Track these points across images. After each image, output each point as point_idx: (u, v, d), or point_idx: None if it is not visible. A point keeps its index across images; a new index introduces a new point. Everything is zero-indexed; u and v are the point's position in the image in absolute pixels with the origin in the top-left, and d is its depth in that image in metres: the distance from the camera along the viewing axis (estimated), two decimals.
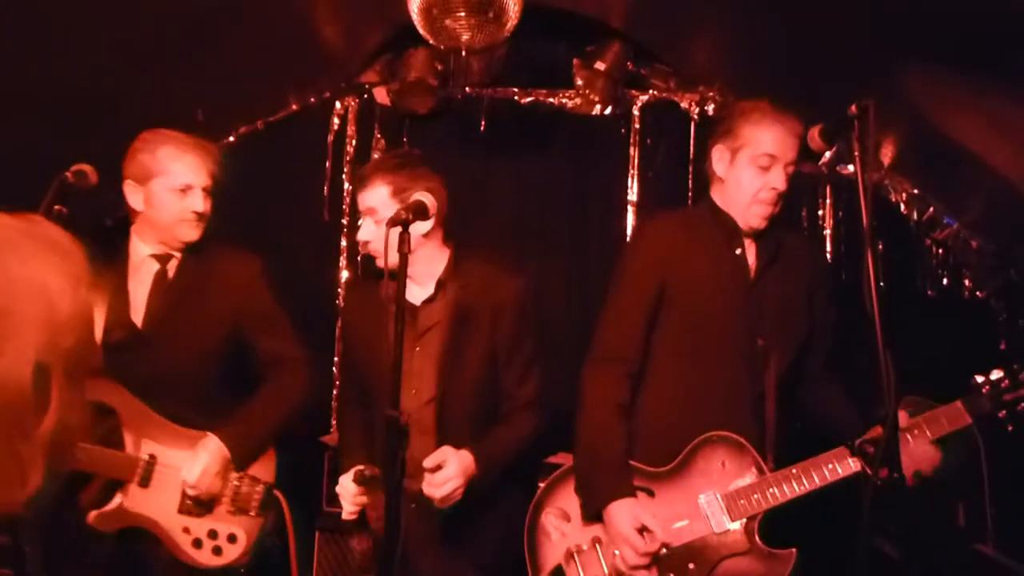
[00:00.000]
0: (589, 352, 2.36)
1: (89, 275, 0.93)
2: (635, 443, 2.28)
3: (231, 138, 3.94)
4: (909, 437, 2.15)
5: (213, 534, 2.40)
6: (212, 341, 2.46)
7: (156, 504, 2.36)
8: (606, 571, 2.20)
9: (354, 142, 3.99)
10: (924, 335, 3.33)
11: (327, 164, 3.98)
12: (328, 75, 3.97)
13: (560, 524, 2.29)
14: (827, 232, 3.75)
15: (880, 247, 3.58)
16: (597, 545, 2.23)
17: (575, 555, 2.24)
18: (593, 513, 2.23)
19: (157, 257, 2.46)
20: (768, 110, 2.28)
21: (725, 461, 2.22)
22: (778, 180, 2.26)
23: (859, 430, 2.11)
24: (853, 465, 2.13)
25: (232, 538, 2.42)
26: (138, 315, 2.41)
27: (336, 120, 4.00)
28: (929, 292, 3.66)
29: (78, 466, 2.24)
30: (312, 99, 4.00)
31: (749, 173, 2.28)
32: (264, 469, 2.50)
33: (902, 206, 3.64)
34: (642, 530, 2.15)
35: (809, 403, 2.37)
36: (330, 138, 3.99)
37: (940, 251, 3.66)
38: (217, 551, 2.40)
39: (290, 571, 2.47)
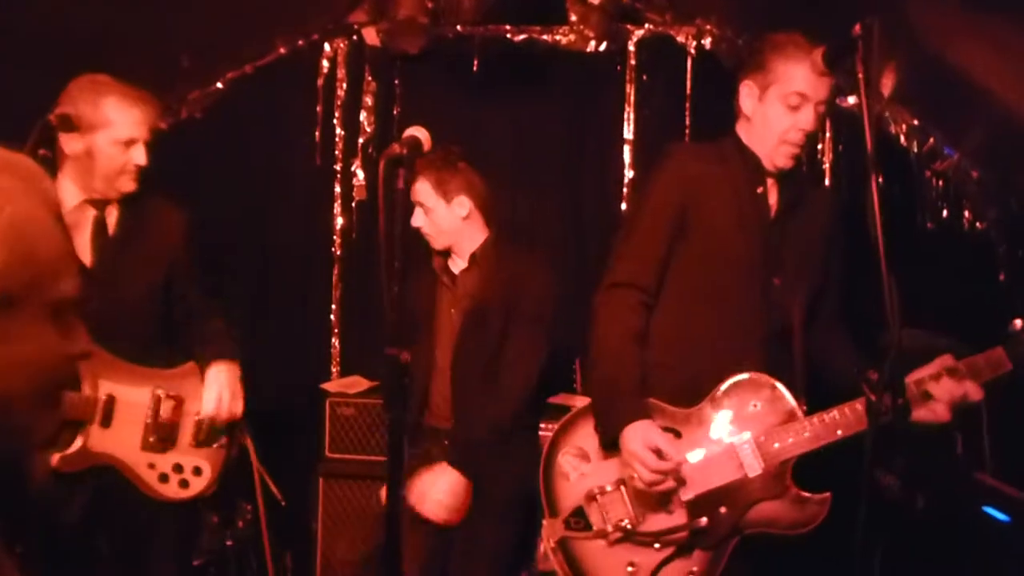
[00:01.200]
0: (604, 277, 2.27)
1: (38, 193, 0.90)
2: (646, 378, 2.22)
3: (219, 84, 3.86)
4: (954, 379, 2.08)
5: (178, 468, 2.45)
6: (154, 282, 2.50)
7: (119, 442, 2.39)
8: (632, 513, 2.15)
9: (344, 85, 3.92)
10: (924, 268, 3.31)
11: (318, 108, 3.91)
12: (316, 16, 3.88)
13: (579, 464, 2.23)
14: (826, 166, 3.70)
15: (880, 179, 3.54)
16: (621, 487, 2.17)
17: (597, 496, 2.18)
18: (609, 441, 2.16)
19: (92, 203, 2.44)
20: (802, 44, 2.16)
21: (757, 402, 2.16)
22: (808, 121, 2.16)
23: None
24: None
25: (197, 470, 2.47)
26: (83, 258, 2.41)
27: (325, 63, 3.93)
28: (929, 224, 3.63)
29: None
30: (300, 42, 3.91)
31: (778, 111, 2.18)
32: None
33: (902, 138, 3.59)
34: (656, 452, 2.08)
35: (819, 347, 2.31)
36: (320, 81, 3.92)
37: (940, 183, 3.62)
38: (183, 484, 2.45)
39: (257, 502, 2.59)
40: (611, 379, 2.19)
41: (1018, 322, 2.11)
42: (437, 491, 2.56)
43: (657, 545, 2.13)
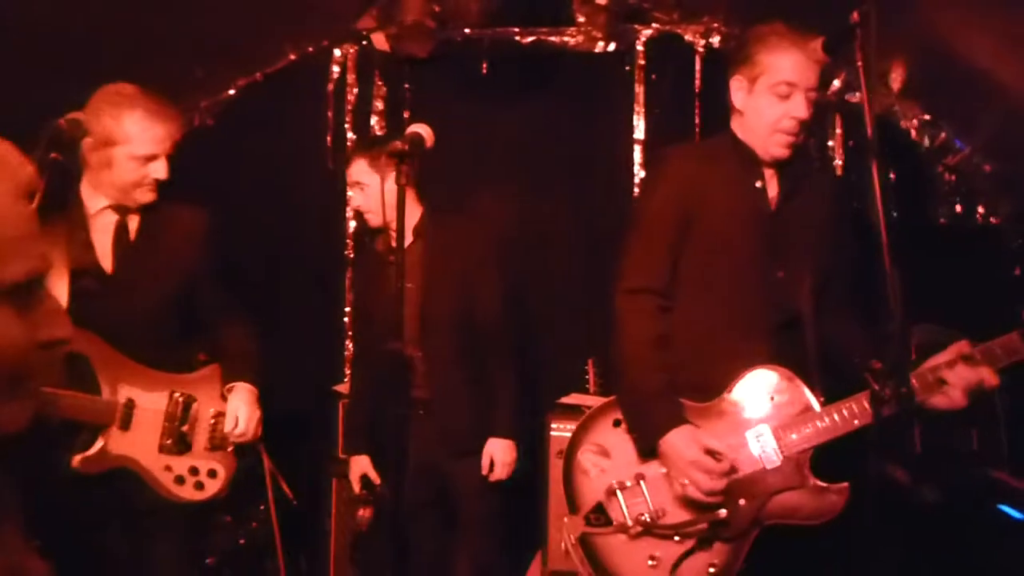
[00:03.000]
0: (619, 282, 2.28)
1: (31, 190, 0.87)
2: None
3: (231, 91, 3.90)
4: (969, 365, 2.08)
5: (194, 470, 2.50)
6: (173, 287, 2.52)
7: (137, 445, 2.43)
8: (651, 507, 2.16)
9: (355, 89, 3.95)
10: (937, 263, 3.29)
11: (329, 113, 3.94)
12: (325, 23, 3.90)
13: (599, 460, 2.24)
14: (837, 163, 3.69)
15: (892, 176, 3.52)
16: (641, 481, 2.18)
17: (618, 491, 2.19)
18: (648, 448, 2.17)
19: (114, 208, 2.47)
20: (785, 33, 2.18)
21: (774, 394, 2.18)
22: (799, 108, 2.17)
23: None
24: None
25: (212, 473, 2.52)
26: (104, 263, 2.45)
27: (335, 68, 3.95)
28: (942, 220, 3.60)
29: (61, 414, 2.29)
30: (310, 48, 3.94)
31: (768, 102, 2.19)
32: None
33: (912, 132, 3.57)
34: (708, 453, 2.10)
35: (828, 335, 2.30)
36: (330, 87, 3.94)
37: (952, 177, 3.59)
38: (199, 486, 2.50)
39: (268, 502, 2.66)
40: (639, 385, 2.21)
41: None
42: (506, 456, 2.86)
43: (677, 538, 2.13)
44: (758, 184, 2.27)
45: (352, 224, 3.95)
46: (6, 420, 0.89)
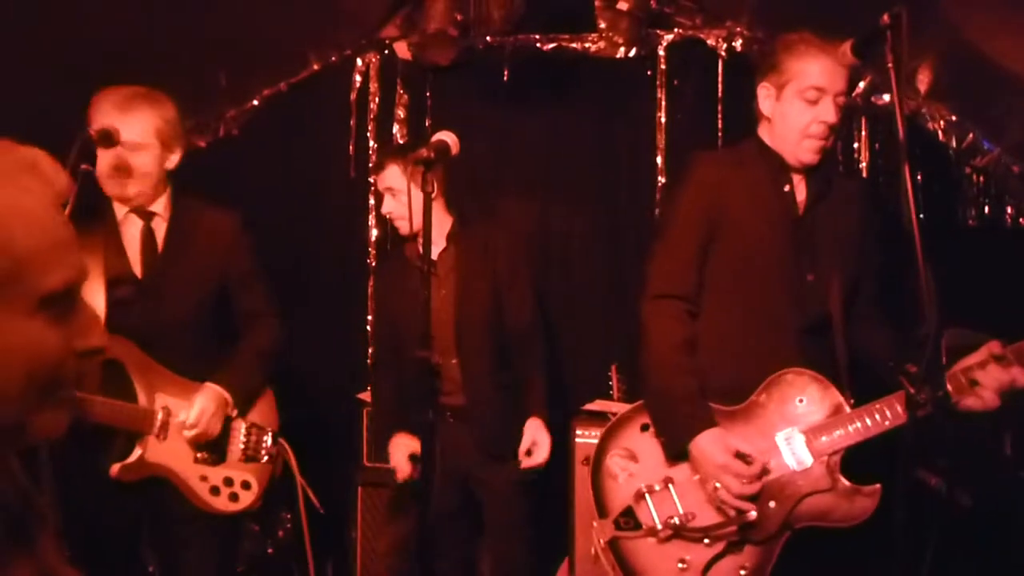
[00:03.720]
0: (646, 289, 2.30)
1: (65, 198, 0.87)
2: None
3: (255, 101, 3.93)
4: (1001, 365, 2.05)
5: (228, 481, 2.50)
6: (204, 293, 2.52)
7: (174, 454, 2.44)
8: (680, 510, 2.15)
9: (377, 99, 3.97)
10: (966, 265, 3.25)
11: (351, 122, 3.96)
12: (348, 32, 3.93)
13: (627, 464, 2.24)
14: (863, 165, 3.66)
15: (919, 178, 3.49)
16: (669, 484, 2.18)
17: (646, 495, 2.19)
18: (677, 452, 2.17)
19: (137, 213, 2.47)
20: (812, 40, 2.20)
21: (803, 397, 2.17)
22: (828, 113, 2.18)
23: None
24: None
25: (246, 485, 2.53)
26: (136, 269, 2.45)
27: (358, 77, 3.97)
28: (971, 222, 3.56)
29: (100, 419, 2.30)
30: (333, 58, 3.97)
31: (797, 108, 2.20)
32: (267, 417, 2.62)
33: (940, 134, 3.53)
34: (738, 456, 2.10)
35: (858, 339, 2.30)
36: (353, 96, 3.96)
37: (981, 179, 3.55)
38: (234, 497, 2.50)
39: (299, 515, 2.63)
40: (667, 389, 2.21)
41: None
42: (546, 436, 2.86)
43: (707, 541, 2.12)
44: (786, 188, 2.27)
45: (375, 232, 3.96)
46: (44, 427, 0.89)
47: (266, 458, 2.57)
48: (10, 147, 0.89)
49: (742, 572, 2.11)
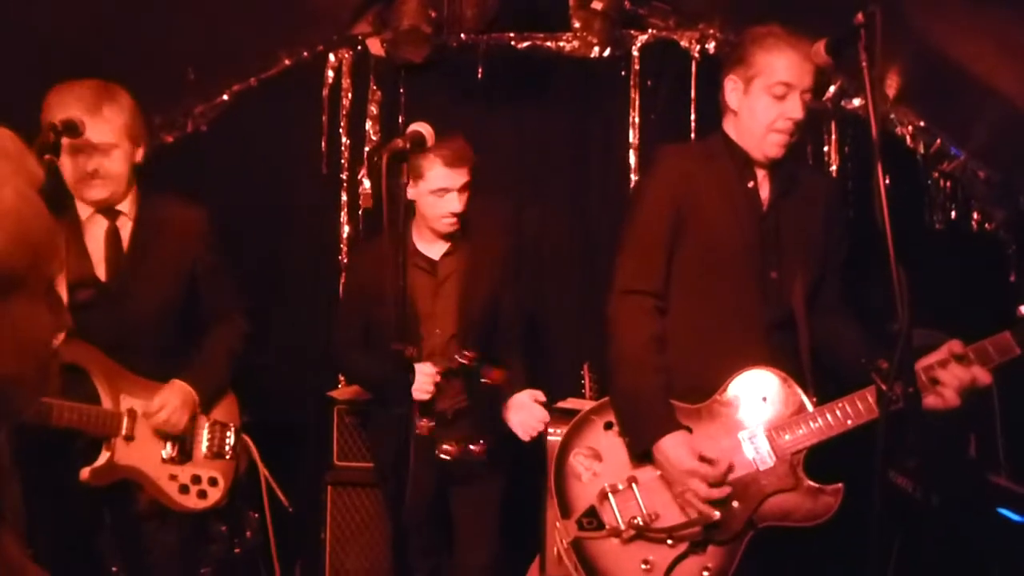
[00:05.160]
0: (613, 284, 2.27)
1: (27, 173, 0.87)
2: None
3: (225, 96, 3.88)
4: (961, 364, 2.07)
5: (196, 479, 2.51)
6: (172, 291, 2.49)
7: (142, 456, 2.43)
8: (644, 510, 2.14)
9: (349, 95, 3.93)
10: (933, 269, 3.29)
11: (323, 118, 3.92)
12: (319, 28, 3.89)
13: (591, 464, 2.23)
14: (833, 168, 3.69)
15: (887, 181, 3.51)
16: (633, 484, 2.18)
17: (610, 495, 2.18)
18: (641, 452, 2.16)
19: (102, 213, 2.42)
20: (781, 35, 2.20)
21: (766, 395, 2.17)
22: (795, 109, 2.18)
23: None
24: None
25: (213, 481, 2.53)
26: (99, 271, 2.40)
27: (330, 73, 3.94)
28: (937, 226, 3.61)
29: (69, 424, 2.27)
30: (305, 53, 3.92)
31: (764, 103, 2.20)
32: (228, 414, 2.62)
33: (908, 139, 3.58)
34: (703, 459, 2.09)
35: (823, 336, 2.31)
36: (325, 92, 3.93)
37: (947, 184, 3.60)
38: (202, 495, 2.51)
39: (262, 510, 2.69)
40: (635, 388, 2.19)
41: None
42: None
43: (670, 542, 2.12)
44: (750, 184, 2.28)
45: (346, 229, 3.93)
46: (31, 407, 0.94)
47: (230, 454, 2.57)
48: (4, 136, 0.89)
49: (705, 572, 2.11)
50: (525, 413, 2.72)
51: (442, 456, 2.70)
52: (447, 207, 2.70)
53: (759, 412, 2.17)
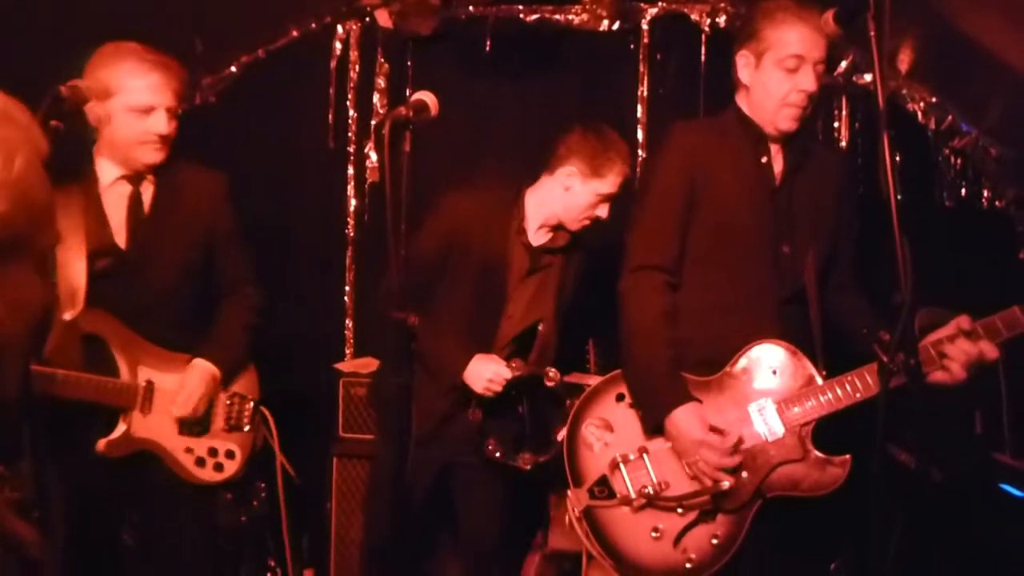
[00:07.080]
0: (626, 260, 2.29)
1: (34, 142, 0.89)
2: None
3: (233, 68, 3.86)
4: (969, 339, 2.08)
5: (213, 452, 2.50)
6: (190, 260, 2.48)
7: (158, 428, 2.42)
8: (654, 480, 2.17)
9: (357, 67, 3.91)
10: (943, 247, 3.28)
11: (331, 91, 3.91)
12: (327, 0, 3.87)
13: (602, 434, 2.26)
14: (843, 144, 3.67)
15: (898, 158, 3.50)
16: (644, 454, 2.20)
17: (621, 464, 2.21)
18: (654, 425, 2.19)
19: (127, 179, 2.41)
20: (791, 8, 2.19)
21: (776, 368, 2.19)
22: (807, 81, 2.18)
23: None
24: None
25: (230, 454, 2.53)
26: (119, 239, 2.40)
27: (338, 45, 3.91)
28: (947, 203, 3.59)
29: (83, 396, 2.27)
30: (312, 24, 3.90)
31: (776, 76, 2.20)
32: (249, 386, 2.61)
33: (919, 115, 3.54)
34: (713, 430, 2.12)
35: (834, 310, 2.32)
36: (332, 64, 3.90)
37: (958, 161, 3.57)
38: (218, 467, 2.50)
39: (275, 485, 2.68)
40: (648, 363, 2.21)
41: None
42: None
43: (680, 510, 2.15)
44: (763, 159, 2.28)
45: (353, 203, 3.93)
46: (22, 376, 0.98)
47: (248, 427, 2.56)
48: (14, 106, 0.91)
49: (714, 540, 2.13)
50: (483, 366, 2.63)
51: (489, 454, 2.69)
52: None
53: (769, 384, 2.19)
